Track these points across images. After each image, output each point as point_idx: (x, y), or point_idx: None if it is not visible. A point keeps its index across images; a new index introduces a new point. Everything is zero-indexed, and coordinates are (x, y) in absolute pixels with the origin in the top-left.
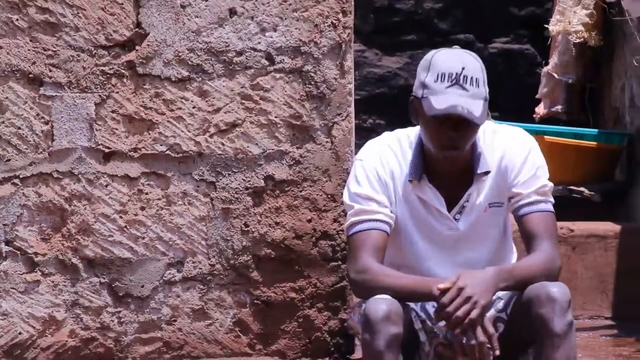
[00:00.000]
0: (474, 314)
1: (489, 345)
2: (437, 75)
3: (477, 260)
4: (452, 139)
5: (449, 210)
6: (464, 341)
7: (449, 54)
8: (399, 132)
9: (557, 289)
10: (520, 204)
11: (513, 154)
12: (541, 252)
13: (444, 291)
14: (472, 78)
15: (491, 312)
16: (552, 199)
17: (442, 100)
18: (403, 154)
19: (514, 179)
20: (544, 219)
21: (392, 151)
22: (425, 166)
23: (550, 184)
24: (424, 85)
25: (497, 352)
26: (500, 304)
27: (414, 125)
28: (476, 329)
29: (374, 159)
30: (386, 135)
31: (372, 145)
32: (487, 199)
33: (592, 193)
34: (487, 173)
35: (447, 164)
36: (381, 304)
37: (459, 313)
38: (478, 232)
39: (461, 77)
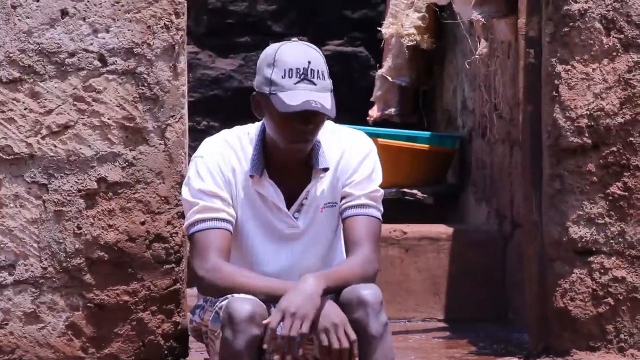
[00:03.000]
0: (304, 328)
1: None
2: (285, 72)
3: (313, 262)
4: (303, 132)
5: (289, 207)
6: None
7: (293, 48)
8: (238, 130)
9: (368, 292)
10: (349, 205)
11: (351, 155)
12: (358, 256)
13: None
14: (318, 72)
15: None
16: (381, 207)
17: (293, 97)
18: (243, 150)
19: (348, 179)
20: (370, 224)
21: (232, 148)
22: (266, 162)
23: (382, 191)
24: (270, 82)
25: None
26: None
27: (246, 124)
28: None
29: (216, 155)
30: (224, 132)
31: (212, 143)
32: (323, 199)
33: (425, 196)
34: (325, 170)
35: (290, 158)
36: (246, 304)
37: (292, 333)
38: (315, 233)
39: (309, 72)
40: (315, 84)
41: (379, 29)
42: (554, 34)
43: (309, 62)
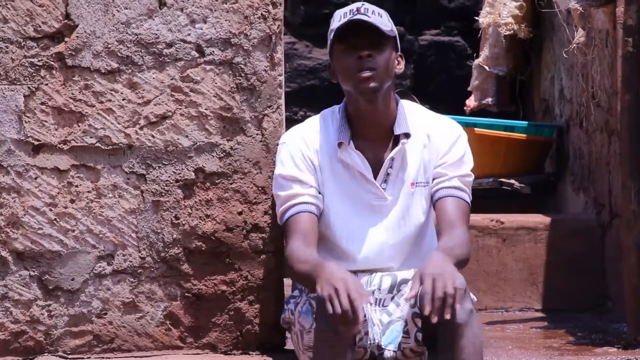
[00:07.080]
0: (459, 283)
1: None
2: (339, 16)
3: (402, 244)
4: (365, 60)
5: (375, 177)
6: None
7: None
8: (322, 112)
9: None
10: (443, 185)
11: (443, 134)
12: (460, 236)
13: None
14: (373, 10)
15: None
16: (470, 194)
17: (342, 21)
18: (327, 126)
19: (441, 158)
20: (463, 207)
21: (315, 130)
22: (351, 132)
23: (472, 176)
24: (330, 33)
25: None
26: (412, 300)
27: None
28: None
29: (297, 139)
30: (309, 119)
31: (295, 129)
32: (414, 176)
33: (522, 185)
34: (407, 135)
35: (372, 128)
36: None
37: (448, 290)
38: (405, 208)
39: (362, 9)
40: (369, 17)
41: (476, 18)
42: None
43: (362, 4)
